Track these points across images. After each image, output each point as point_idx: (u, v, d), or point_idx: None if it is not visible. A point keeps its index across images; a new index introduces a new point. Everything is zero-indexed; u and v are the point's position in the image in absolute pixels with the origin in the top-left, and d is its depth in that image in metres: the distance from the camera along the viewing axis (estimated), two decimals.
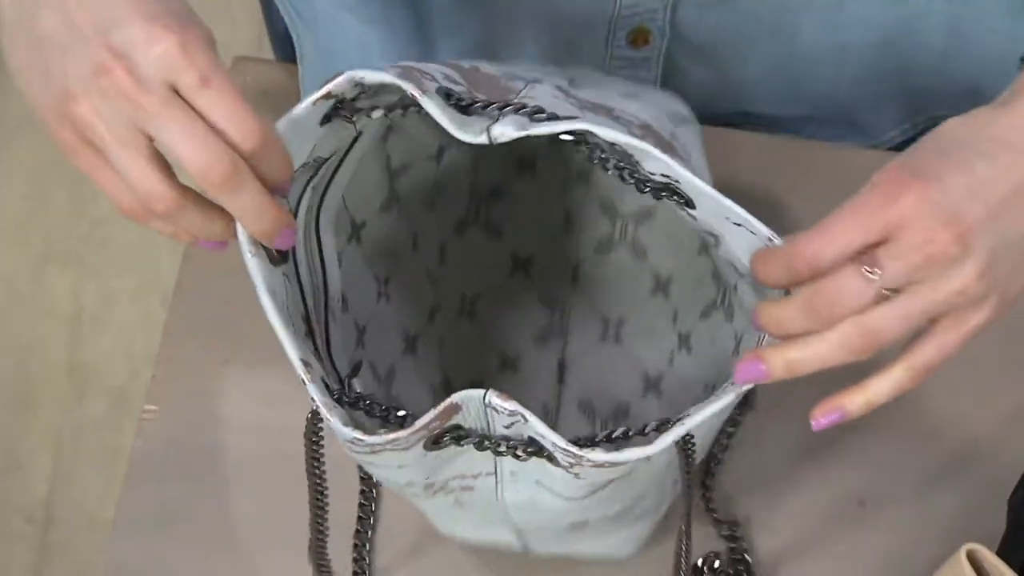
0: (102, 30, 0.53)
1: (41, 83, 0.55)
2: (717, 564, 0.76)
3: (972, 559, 0.66)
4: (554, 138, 0.72)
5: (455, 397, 0.56)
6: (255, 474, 0.78)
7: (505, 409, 0.55)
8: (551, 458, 0.58)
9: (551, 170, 0.77)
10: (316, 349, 0.60)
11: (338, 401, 0.58)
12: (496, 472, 0.61)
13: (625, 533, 0.72)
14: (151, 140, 0.54)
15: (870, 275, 0.53)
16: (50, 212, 1.83)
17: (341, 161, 0.63)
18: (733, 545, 0.77)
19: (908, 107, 0.91)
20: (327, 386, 0.58)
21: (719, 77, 0.88)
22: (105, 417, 1.71)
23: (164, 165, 0.55)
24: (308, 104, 0.57)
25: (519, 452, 0.58)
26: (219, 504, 0.78)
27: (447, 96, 0.57)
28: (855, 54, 0.87)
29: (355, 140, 0.63)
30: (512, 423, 0.57)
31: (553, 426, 0.69)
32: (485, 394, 0.55)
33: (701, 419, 0.57)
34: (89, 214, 1.83)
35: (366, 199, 0.68)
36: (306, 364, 0.57)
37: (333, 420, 0.56)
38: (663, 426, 0.58)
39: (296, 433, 0.79)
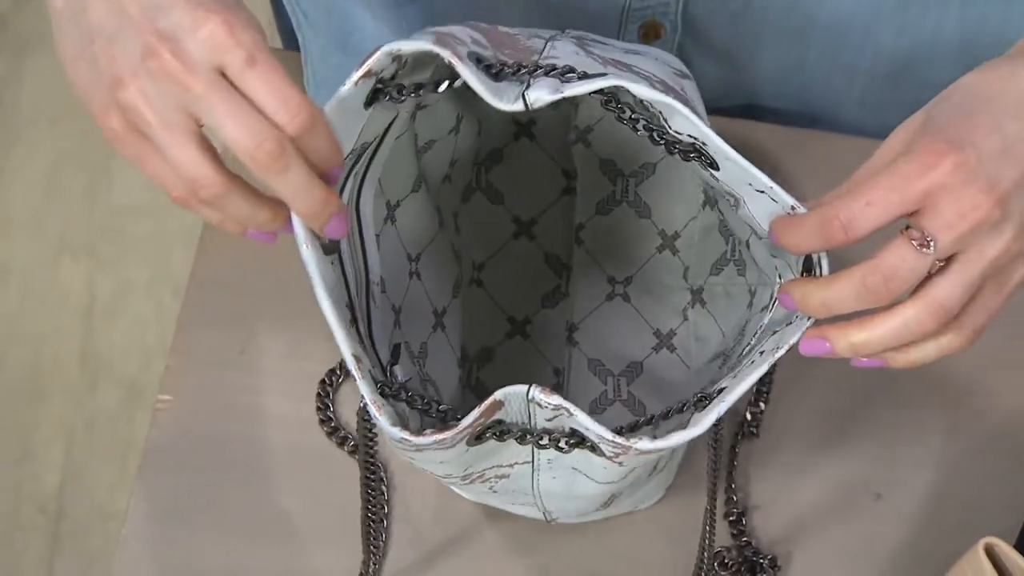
0: (150, 15, 0.53)
1: (90, 73, 0.55)
2: (728, 560, 0.76)
3: (990, 553, 0.66)
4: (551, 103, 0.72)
5: (498, 394, 0.55)
6: (270, 465, 0.78)
7: (549, 404, 0.55)
8: (594, 448, 0.58)
9: (549, 132, 0.76)
10: (360, 337, 0.60)
11: (383, 395, 0.58)
12: (533, 461, 0.61)
13: (652, 485, 0.73)
14: (199, 125, 0.54)
15: (924, 248, 0.54)
16: (65, 204, 1.84)
17: (379, 145, 0.63)
18: (744, 538, 0.77)
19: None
20: (374, 380, 0.58)
21: (731, 75, 0.88)
22: (118, 408, 1.71)
23: (211, 150, 0.55)
24: (350, 84, 0.56)
25: (562, 444, 0.58)
26: (233, 495, 0.77)
27: (478, 61, 0.57)
28: (863, 79, 0.87)
29: (391, 123, 0.63)
30: (555, 416, 0.57)
31: (566, 387, 0.69)
32: (528, 390, 0.55)
33: (739, 393, 0.57)
34: (103, 206, 1.83)
35: (399, 180, 0.68)
36: (357, 359, 0.57)
37: (382, 420, 0.56)
38: (702, 402, 0.58)
39: (311, 424, 0.79)
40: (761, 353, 0.58)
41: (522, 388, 0.55)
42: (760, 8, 0.81)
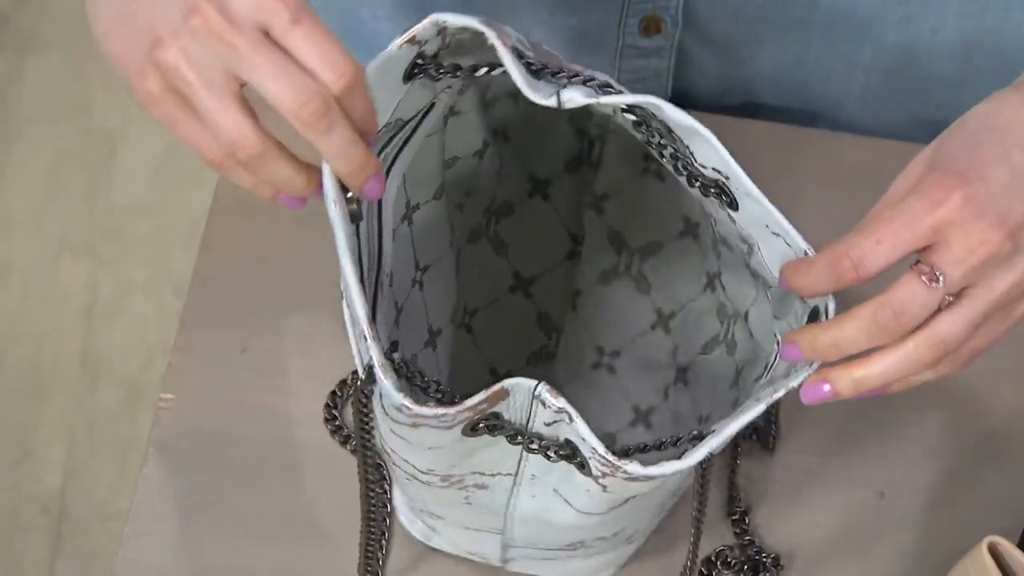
0: None
1: (128, 35, 0.55)
2: (731, 559, 0.76)
3: (993, 552, 0.66)
4: (570, 162, 0.72)
5: (506, 383, 0.55)
6: (273, 463, 0.78)
7: (553, 405, 0.55)
8: (582, 465, 0.57)
9: (563, 194, 0.76)
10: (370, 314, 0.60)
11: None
12: (516, 473, 0.61)
13: (610, 557, 0.72)
14: (240, 85, 0.54)
15: (934, 283, 0.54)
16: (65, 203, 1.84)
17: (409, 136, 0.63)
18: (747, 537, 0.77)
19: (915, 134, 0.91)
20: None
21: (731, 70, 0.88)
22: (118, 408, 1.71)
23: (251, 112, 0.54)
24: (393, 48, 0.56)
25: (550, 452, 0.58)
26: (236, 494, 0.77)
27: (519, 56, 0.57)
28: (863, 75, 0.87)
29: (425, 113, 0.62)
30: (554, 421, 0.56)
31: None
32: (536, 385, 0.55)
33: (733, 430, 0.57)
34: (104, 206, 1.83)
35: (423, 182, 0.68)
36: (371, 320, 0.56)
37: (387, 382, 0.55)
38: (695, 440, 0.58)
39: (313, 422, 0.79)
40: (758, 400, 0.58)
41: (530, 382, 0.55)
42: (760, 2, 0.81)
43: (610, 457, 0.55)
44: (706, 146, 0.56)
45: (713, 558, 0.76)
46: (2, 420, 1.70)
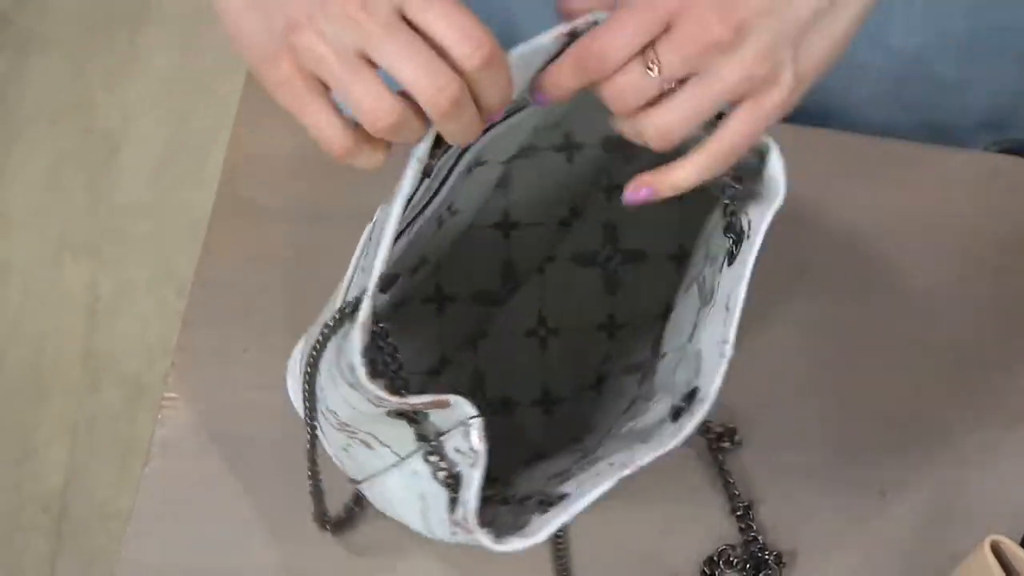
0: None
1: (259, 20, 0.55)
2: (733, 559, 0.76)
3: (996, 551, 0.66)
4: (610, 140, 0.73)
5: (451, 399, 0.56)
6: (275, 462, 0.78)
7: (474, 444, 0.56)
8: (454, 502, 0.58)
9: (585, 167, 0.77)
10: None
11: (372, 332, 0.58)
12: (403, 459, 0.62)
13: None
14: (375, 67, 0.54)
15: (650, 70, 0.55)
16: (67, 202, 1.84)
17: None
18: (751, 534, 0.77)
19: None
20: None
21: None
22: (120, 407, 1.71)
23: (385, 85, 0.55)
24: (548, 38, 0.57)
25: (439, 474, 0.58)
26: (238, 493, 0.78)
27: None
28: (874, 76, 0.86)
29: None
30: (462, 452, 0.57)
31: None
32: (474, 416, 0.56)
33: (578, 509, 0.58)
34: (105, 205, 1.83)
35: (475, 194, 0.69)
36: (379, 284, 0.57)
37: (358, 338, 0.55)
38: (542, 506, 0.59)
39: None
40: (610, 464, 0.59)
41: (471, 410, 0.56)
42: None
43: (471, 522, 0.56)
44: (766, 210, 0.58)
45: (715, 557, 0.76)
46: (3, 420, 1.71)
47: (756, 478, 0.79)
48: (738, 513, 0.77)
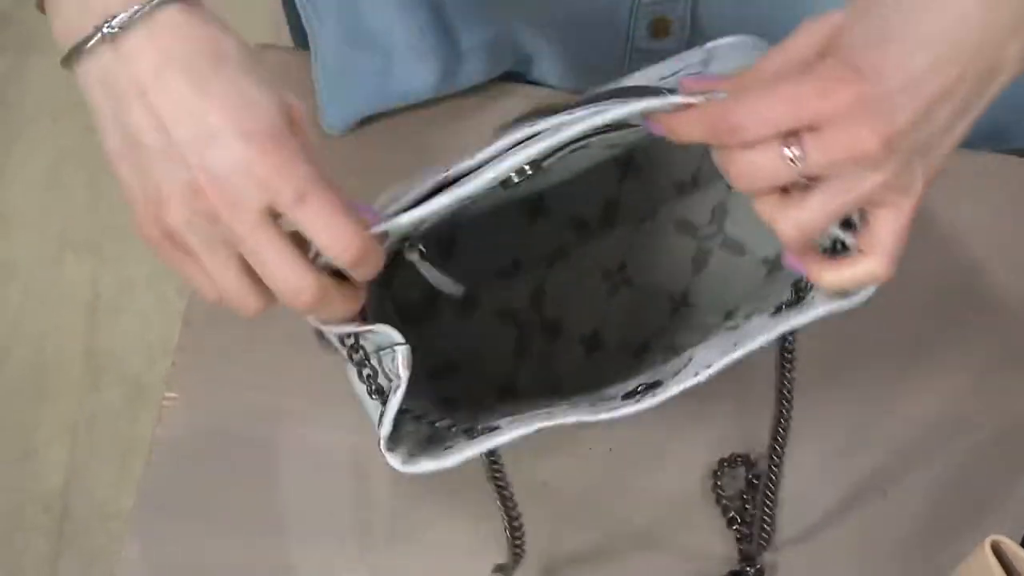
0: (197, 147, 0.53)
1: (136, 177, 0.56)
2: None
3: (997, 551, 0.66)
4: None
5: (377, 327, 0.58)
6: (277, 462, 0.78)
7: (397, 369, 0.58)
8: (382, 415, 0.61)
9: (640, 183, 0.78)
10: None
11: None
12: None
13: None
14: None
15: (792, 160, 0.54)
16: (67, 201, 1.84)
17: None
18: (744, 546, 0.77)
19: None
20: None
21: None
22: (121, 406, 1.71)
23: (252, 271, 0.56)
24: (668, 103, 0.57)
25: (370, 385, 0.62)
26: (240, 493, 0.78)
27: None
28: None
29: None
30: (390, 377, 0.59)
31: None
32: (401, 344, 0.58)
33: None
34: (106, 202, 1.83)
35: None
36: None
37: (350, 329, 0.59)
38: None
39: (319, 421, 0.79)
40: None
41: (399, 338, 0.58)
42: (764, 13, 0.81)
43: (382, 444, 0.60)
44: (836, 303, 0.61)
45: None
46: (4, 419, 1.70)
47: (755, 478, 0.79)
48: (731, 515, 0.78)
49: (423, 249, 0.62)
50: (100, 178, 1.84)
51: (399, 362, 0.59)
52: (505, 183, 0.58)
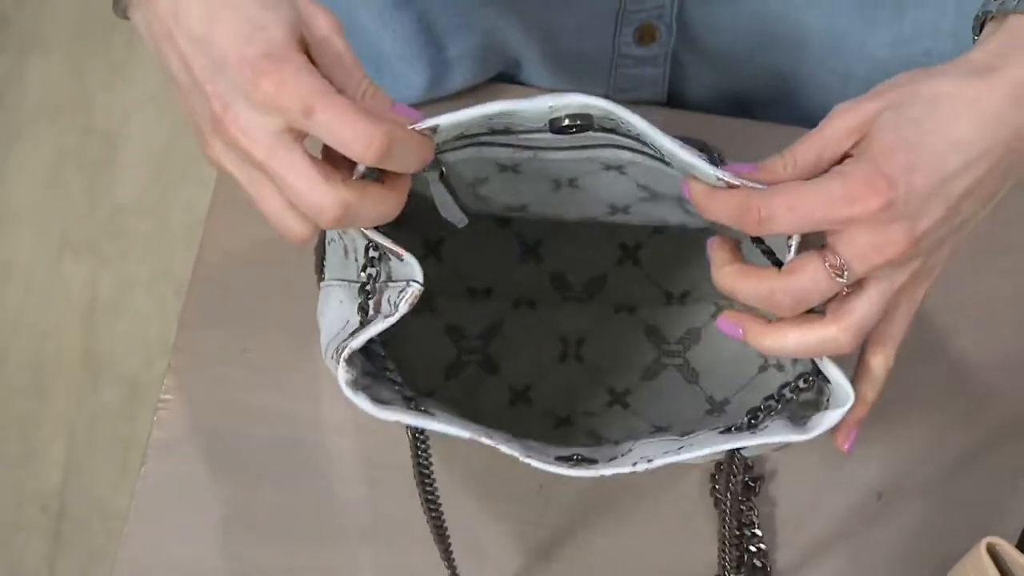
0: (209, 75, 0.54)
1: (186, 114, 0.58)
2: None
3: (992, 553, 0.66)
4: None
5: (407, 255, 0.59)
6: (274, 465, 0.78)
7: (398, 301, 0.59)
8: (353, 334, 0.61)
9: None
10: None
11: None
12: (350, 283, 0.64)
13: None
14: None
15: (838, 276, 0.56)
16: (67, 201, 1.84)
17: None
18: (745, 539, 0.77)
19: None
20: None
21: (725, 79, 0.88)
22: (119, 407, 1.71)
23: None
24: (712, 175, 0.58)
25: (360, 312, 0.61)
26: (235, 494, 0.78)
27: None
28: (859, 86, 0.86)
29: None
30: (386, 308, 0.60)
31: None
32: (418, 283, 0.59)
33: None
34: (105, 204, 1.83)
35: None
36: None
37: (385, 243, 0.59)
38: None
39: (315, 423, 0.79)
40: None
41: (419, 275, 0.59)
42: (751, 16, 0.81)
43: (343, 355, 0.59)
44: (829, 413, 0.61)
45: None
46: (4, 418, 1.70)
47: (765, 482, 0.79)
48: (743, 508, 0.78)
49: (444, 170, 0.62)
50: (99, 178, 1.84)
51: (406, 296, 0.59)
52: (555, 122, 0.58)
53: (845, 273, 0.56)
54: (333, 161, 0.56)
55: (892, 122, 0.56)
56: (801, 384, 0.62)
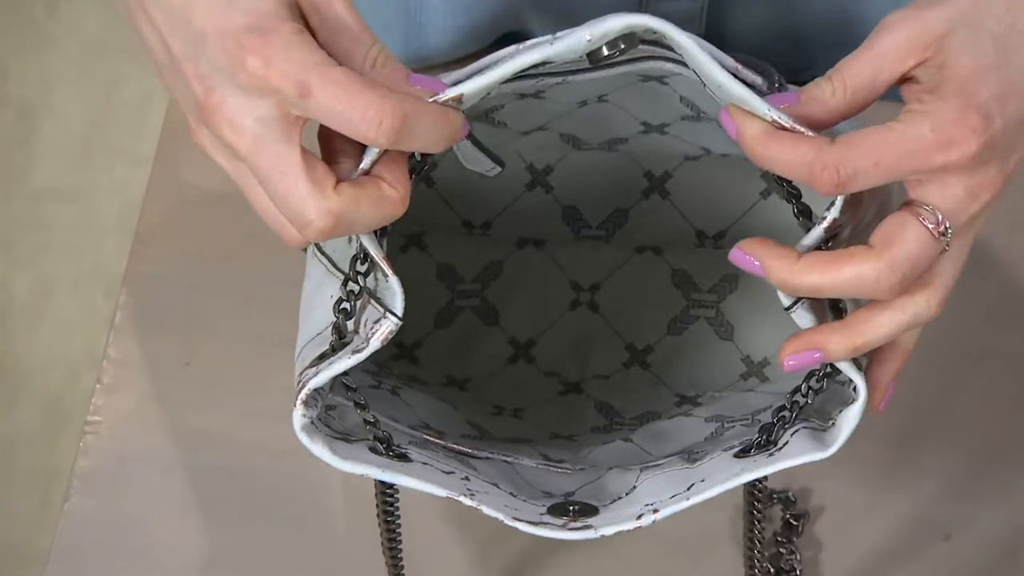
0: (190, 55, 0.54)
1: (175, 90, 0.58)
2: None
3: None
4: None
5: (393, 278, 0.58)
6: (223, 499, 0.78)
7: (369, 331, 0.58)
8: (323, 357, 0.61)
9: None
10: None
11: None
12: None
13: None
14: None
15: (943, 237, 0.55)
16: None
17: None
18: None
19: None
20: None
21: (779, 12, 0.87)
22: (38, 430, 1.72)
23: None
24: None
25: (336, 328, 0.61)
26: (175, 531, 0.78)
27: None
28: None
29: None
30: (361, 332, 0.59)
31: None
32: (394, 315, 0.58)
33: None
34: (21, 191, 1.84)
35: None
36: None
37: (375, 253, 0.58)
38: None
39: (270, 447, 0.79)
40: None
41: (398, 307, 0.58)
42: (783, 11, 0.82)
43: (304, 392, 0.58)
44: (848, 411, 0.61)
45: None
46: None
47: (808, 519, 0.79)
48: (782, 551, 0.78)
49: (471, 128, 0.62)
50: (13, 160, 1.85)
51: (379, 331, 0.58)
52: (594, 55, 0.57)
53: (948, 232, 0.55)
54: (335, 153, 0.56)
55: (971, 42, 0.56)
56: (813, 384, 0.62)
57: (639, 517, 0.61)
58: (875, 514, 0.79)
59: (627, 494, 0.64)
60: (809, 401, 0.62)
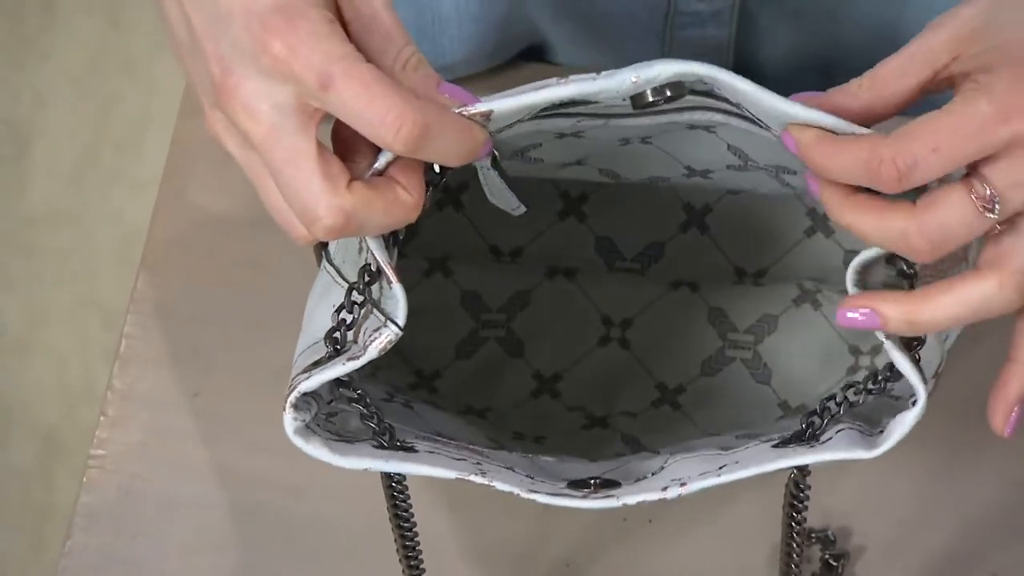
0: (212, 32, 0.54)
1: (188, 78, 0.58)
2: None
3: None
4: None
5: (397, 286, 0.58)
6: (234, 538, 0.78)
7: (366, 339, 0.59)
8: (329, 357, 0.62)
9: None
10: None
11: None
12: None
13: None
14: None
15: (988, 212, 0.55)
16: None
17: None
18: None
19: None
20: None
21: (809, 37, 0.88)
22: (33, 466, 1.71)
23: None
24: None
25: (335, 332, 0.61)
26: (183, 573, 0.78)
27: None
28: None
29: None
30: (362, 340, 0.60)
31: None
32: (395, 324, 0.58)
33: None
34: (13, 214, 1.83)
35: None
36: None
37: (382, 260, 0.58)
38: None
39: (282, 483, 0.79)
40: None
41: (400, 315, 0.58)
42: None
43: (292, 396, 0.60)
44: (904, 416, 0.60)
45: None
46: None
47: (847, 559, 0.79)
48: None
49: (497, 154, 0.62)
50: (8, 182, 1.85)
51: (378, 340, 0.59)
52: (638, 99, 0.57)
53: (996, 206, 0.54)
54: (350, 151, 0.57)
55: (1015, 18, 0.56)
56: (870, 385, 0.62)
57: (665, 489, 0.61)
58: (918, 556, 0.79)
59: (654, 474, 0.65)
60: (860, 400, 0.62)
